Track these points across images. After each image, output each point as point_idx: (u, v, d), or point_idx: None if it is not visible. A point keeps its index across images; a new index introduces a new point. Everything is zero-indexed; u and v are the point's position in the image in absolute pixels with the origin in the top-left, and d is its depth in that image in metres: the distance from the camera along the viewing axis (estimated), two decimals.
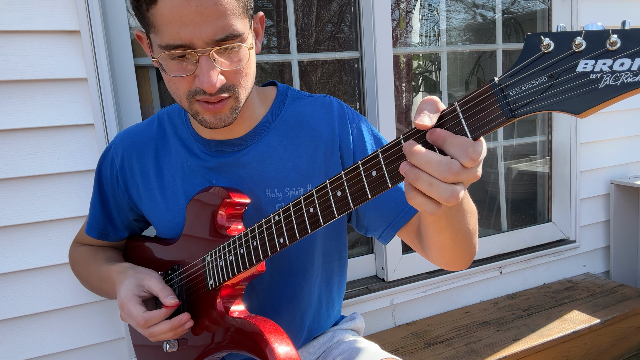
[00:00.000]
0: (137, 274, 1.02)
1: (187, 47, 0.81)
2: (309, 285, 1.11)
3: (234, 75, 0.87)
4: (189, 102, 0.88)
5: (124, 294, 0.98)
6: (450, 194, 0.60)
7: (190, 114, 0.93)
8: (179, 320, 0.95)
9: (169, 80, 0.88)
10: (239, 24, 0.83)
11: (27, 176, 1.37)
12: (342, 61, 2.03)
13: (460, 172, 0.59)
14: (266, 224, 0.85)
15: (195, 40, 0.80)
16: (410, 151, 0.61)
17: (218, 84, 0.84)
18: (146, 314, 0.94)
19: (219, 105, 0.88)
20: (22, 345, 1.43)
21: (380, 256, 1.97)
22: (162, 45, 0.82)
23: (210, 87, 0.83)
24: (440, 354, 1.75)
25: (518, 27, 2.48)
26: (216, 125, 0.91)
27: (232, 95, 0.89)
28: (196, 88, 0.85)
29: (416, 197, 0.64)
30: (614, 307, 2.02)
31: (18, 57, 1.31)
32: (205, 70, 0.82)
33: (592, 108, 0.49)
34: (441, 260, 0.94)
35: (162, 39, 0.81)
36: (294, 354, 0.84)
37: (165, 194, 1.08)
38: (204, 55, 0.82)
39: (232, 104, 0.90)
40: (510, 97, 0.55)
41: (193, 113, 0.91)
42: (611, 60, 0.47)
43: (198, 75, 0.83)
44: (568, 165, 2.30)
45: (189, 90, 0.87)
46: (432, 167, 0.59)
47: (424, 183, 0.61)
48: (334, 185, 0.72)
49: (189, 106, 0.90)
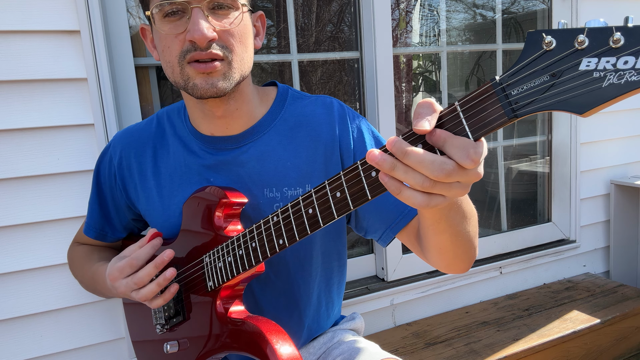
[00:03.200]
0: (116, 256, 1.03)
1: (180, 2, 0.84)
2: (308, 285, 1.11)
3: (227, 36, 0.88)
4: (181, 66, 0.89)
5: (109, 268, 0.98)
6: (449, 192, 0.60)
7: (183, 85, 0.91)
8: (161, 257, 0.94)
9: (162, 48, 0.90)
10: None
11: (27, 176, 1.37)
12: (342, 61, 2.03)
13: (455, 172, 0.58)
14: (265, 225, 0.84)
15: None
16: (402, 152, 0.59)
17: (209, 33, 0.85)
18: (133, 255, 0.95)
19: (210, 65, 0.88)
20: (22, 345, 1.42)
21: (380, 256, 1.97)
22: (157, 4, 0.85)
23: (201, 36, 0.84)
24: (440, 354, 1.75)
25: (518, 27, 2.48)
26: (207, 90, 0.89)
27: (226, 59, 0.89)
28: (187, 46, 0.86)
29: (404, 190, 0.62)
30: (614, 307, 2.02)
31: (18, 57, 1.31)
32: (196, 20, 0.84)
33: (596, 107, 0.48)
34: (440, 263, 0.93)
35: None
36: (295, 354, 0.83)
37: (162, 193, 1.08)
38: (195, 7, 0.84)
39: (225, 69, 0.90)
40: (511, 97, 0.54)
41: (185, 79, 0.90)
42: (615, 58, 0.47)
43: (189, 29, 0.85)
44: (568, 165, 2.30)
45: (181, 51, 0.87)
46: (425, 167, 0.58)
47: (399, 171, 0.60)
48: (333, 185, 0.71)
49: (180, 72, 0.90)
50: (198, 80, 0.89)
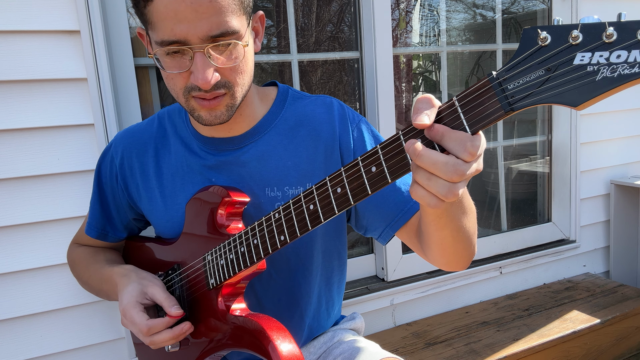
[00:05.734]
0: (140, 280, 1.01)
1: (182, 43, 0.82)
2: (309, 284, 1.11)
3: (230, 73, 0.88)
4: (186, 98, 0.89)
5: (126, 301, 0.97)
6: (449, 189, 0.60)
7: (188, 111, 0.93)
8: (180, 329, 0.95)
9: (166, 77, 0.89)
10: (235, 21, 0.83)
11: (27, 176, 1.37)
12: (342, 61, 2.03)
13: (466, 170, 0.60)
14: (266, 222, 0.85)
15: (190, 37, 0.81)
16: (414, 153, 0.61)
17: (212, 80, 0.84)
18: (149, 322, 0.93)
19: (214, 102, 0.89)
20: (22, 345, 1.42)
21: (380, 256, 1.97)
22: (158, 41, 0.83)
23: (205, 83, 0.84)
24: (440, 354, 1.75)
25: (518, 27, 2.48)
26: (212, 122, 0.91)
27: (228, 92, 0.89)
28: (192, 84, 0.86)
29: (418, 189, 0.64)
30: (614, 307, 2.02)
31: (18, 57, 1.31)
32: (199, 66, 0.83)
33: (590, 100, 0.49)
34: (441, 260, 0.94)
35: (157, 35, 0.83)
36: (296, 351, 0.83)
37: (164, 193, 1.09)
38: (198, 51, 0.83)
39: (228, 101, 0.90)
40: (508, 91, 0.55)
41: (190, 109, 0.92)
42: (608, 53, 0.48)
43: (193, 72, 0.84)
44: (568, 165, 2.30)
45: (185, 87, 0.88)
46: (439, 169, 0.59)
47: (423, 177, 0.61)
48: (334, 181, 0.72)
49: (185, 102, 0.91)
50: (203, 112, 0.91)
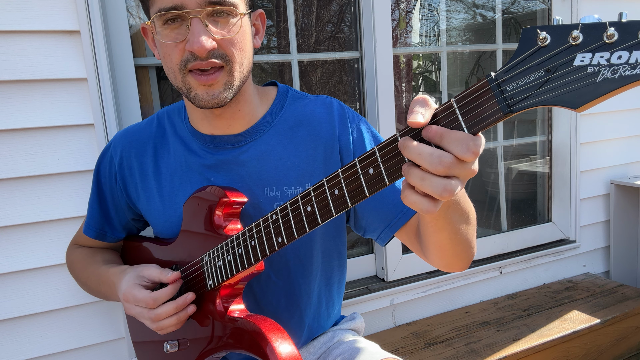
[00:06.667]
0: (135, 268, 1.03)
1: (179, 8, 0.84)
2: (308, 284, 1.11)
3: (227, 45, 0.89)
4: (182, 75, 0.90)
5: (125, 286, 0.98)
6: (444, 187, 0.59)
7: (185, 93, 0.93)
8: (183, 299, 0.95)
9: (164, 55, 0.90)
10: None
11: (27, 176, 1.37)
12: (342, 61, 2.03)
13: (454, 165, 0.58)
14: (264, 223, 0.84)
15: (187, 1, 0.83)
16: (402, 145, 0.60)
17: (208, 45, 0.85)
18: (153, 294, 0.94)
19: (211, 76, 0.89)
20: (22, 345, 1.42)
21: (380, 256, 1.97)
22: (157, 11, 0.85)
23: (200, 48, 0.84)
24: (440, 354, 1.75)
25: (518, 27, 2.48)
26: (209, 102, 0.91)
27: (226, 67, 0.90)
28: (188, 55, 0.87)
29: (410, 195, 0.63)
30: (614, 307, 2.02)
31: (18, 57, 1.31)
32: (195, 32, 0.85)
33: (590, 102, 0.48)
34: (440, 262, 0.93)
35: (156, 5, 0.85)
36: (295, 353, 0.83)
37: (162, 192, 1.08)
38: (195, 17, 0.84)
39: (225, 78, 0.90)
40: (507, 92, 0.54)
41: (187, 89, 0.91)
42: (609, 53, 0.47)
43: (189, 39, 0.85)
44: (568, 165, 2.30)
45: (182, 60, 0.88)
46: (424, 159, 0.58)
47: (416, 178, 0.60)
48: (332, 183, 0.71)
49: (182, 81, 0.91)
50: (200, 91, 0.90)
